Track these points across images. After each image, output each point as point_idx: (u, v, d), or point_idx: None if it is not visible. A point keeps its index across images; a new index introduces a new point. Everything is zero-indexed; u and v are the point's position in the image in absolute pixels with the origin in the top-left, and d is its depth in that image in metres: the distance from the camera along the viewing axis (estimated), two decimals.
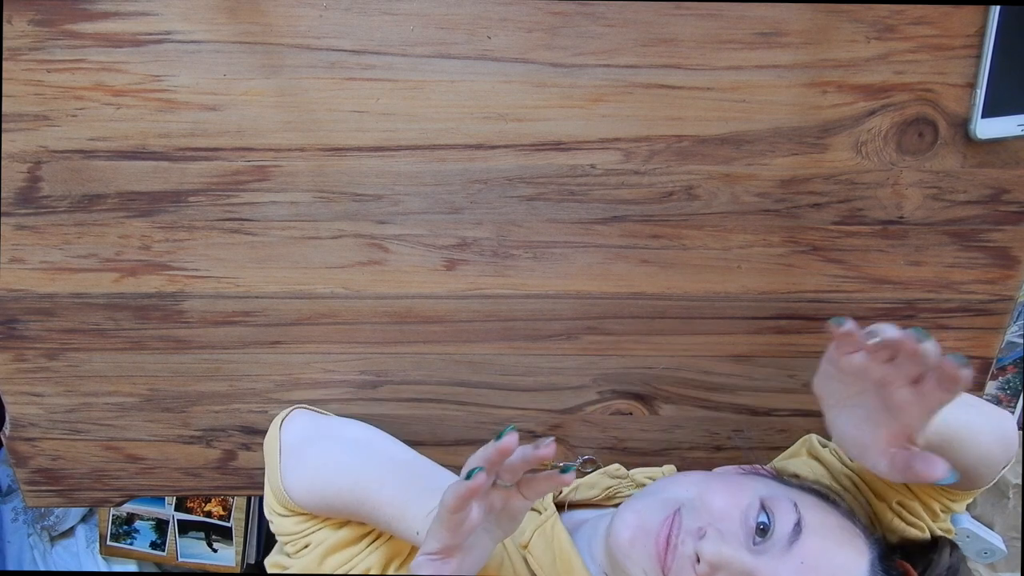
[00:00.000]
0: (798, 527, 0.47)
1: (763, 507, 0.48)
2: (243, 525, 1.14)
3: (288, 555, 0.58)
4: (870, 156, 0.58)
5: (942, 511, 0.56)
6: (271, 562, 0.59)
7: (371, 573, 0.55)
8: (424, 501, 0.49)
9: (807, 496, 0.51)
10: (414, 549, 0.53)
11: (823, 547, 0.47)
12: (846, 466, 0.59)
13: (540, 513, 0.59)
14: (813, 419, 0.67)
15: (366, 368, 0.66)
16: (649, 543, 0.48)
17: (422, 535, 0.46)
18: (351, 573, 0.58)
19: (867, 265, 0.61)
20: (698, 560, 0.46)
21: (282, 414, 0.62)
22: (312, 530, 0.56)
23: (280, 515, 0.57)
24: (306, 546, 0.56)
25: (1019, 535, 0.84)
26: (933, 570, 0.51)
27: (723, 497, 0.49)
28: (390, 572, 0.54)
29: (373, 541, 0.55)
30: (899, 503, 0.55)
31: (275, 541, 0.61)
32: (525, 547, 0.56)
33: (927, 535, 0.55)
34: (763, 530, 0.47)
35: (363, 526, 0.56)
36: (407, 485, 0.52)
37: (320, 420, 0.63)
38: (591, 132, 0.57)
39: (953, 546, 0.52)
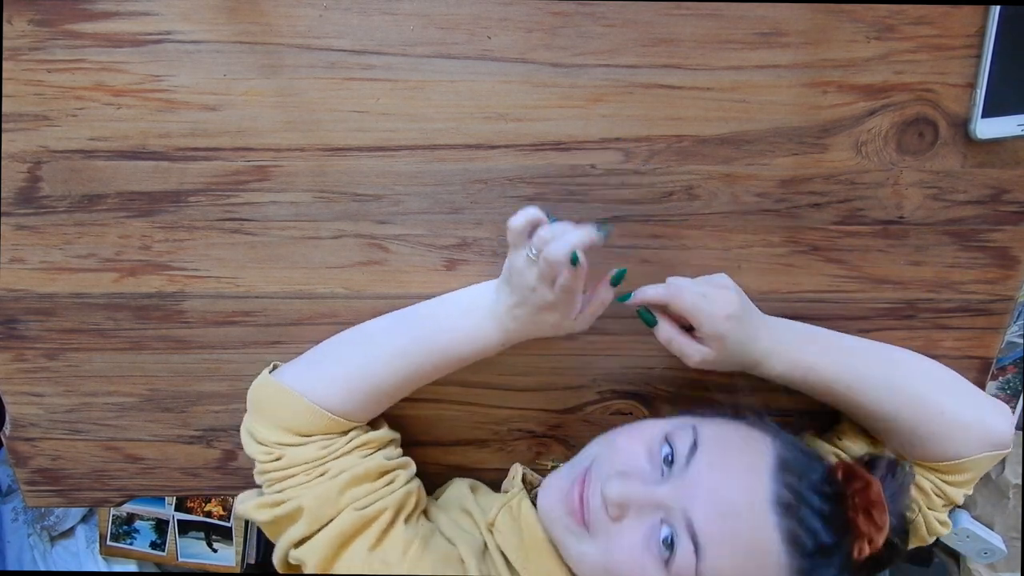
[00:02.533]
0: (695, 446, 0.48)
1: (666, 439, 0.50)
2: (243, 525, 1.14)
3: (272, 492, 0.55)
4: (870, 156, 0.58)
5: (936, 494, 0.57)
6: (247, 508, 0.56)
7: (385, 517, 0.54)
8: (468, 318, 0.56)
9: (711, 419, 0.52)
10: (420, 502, 0.58)
11: (719, 456, 0.48)
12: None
13: (506, 492, 0.59)
14: (813, 419, 0.67)
15: None
16: (565, 504, 0.51)
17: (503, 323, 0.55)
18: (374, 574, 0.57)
19: (867, 265, 0.61)
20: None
21: (264, 371, 0.60)
22: (334, 455, 0.55)
23: (296, 444, 0.55)
24: (322, 474, 0.54)
25: (1019, 535, 0.84)
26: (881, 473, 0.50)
27: (627, 439, 0.52)
28: (401, 520, 0.55)
29: (391, 483, 0.56)
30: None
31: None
32: (491, 525, 0.57)
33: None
34: (668, 460, 0.49)
35: (387, 461, 0.56)
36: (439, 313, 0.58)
37: (308, 354, 0.60)
38: (591, 132, 0.57)
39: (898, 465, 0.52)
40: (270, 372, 0.59)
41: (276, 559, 0.56)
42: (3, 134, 0.57)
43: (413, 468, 0.60)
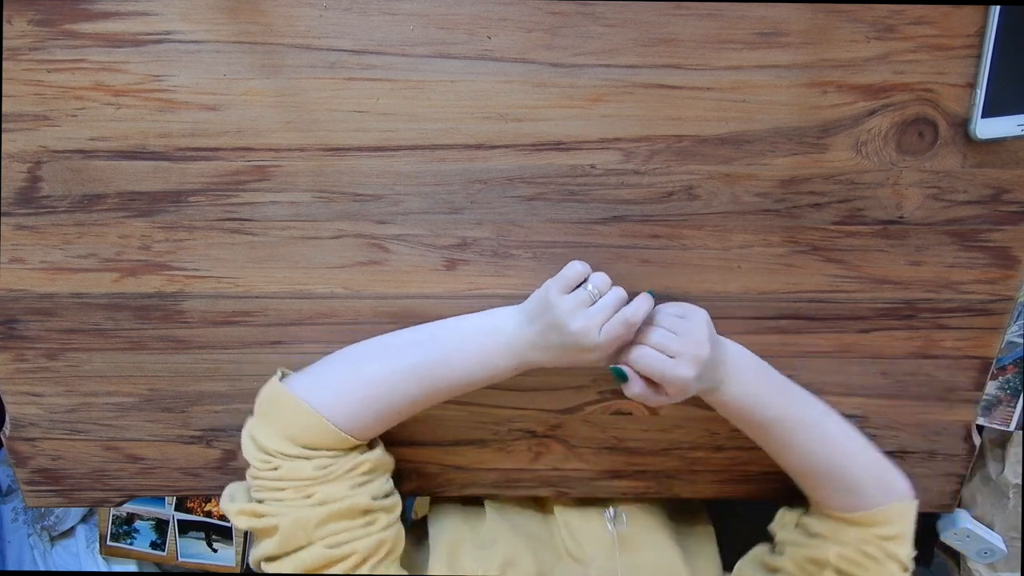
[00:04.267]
0: None
1: None
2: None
3: (257, 498, 0.55)
4: (870, 156, 0.58)
5: (888, 557, 0.58)
6: (229, 509, 0.56)
7: (352, 560, 0.55)
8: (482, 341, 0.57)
9: None
10: (395, 549, 0.57)
11: None
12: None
13: None
14: None
15: None
16: None
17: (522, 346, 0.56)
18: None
19: (867, 265, 0.61)
20: None
21: (274, 376, 0.59)
22: (327, 477, 0.55)
23: (296, 457, 0.55)
24: (308, 496, 0.54)
25: (1019, 535, 0.84)
26: None
27: None
28: (367, 565, 0.55)
29: (370, 524, 0.56)
30: (838, 556, 0.58)
31: None
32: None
33: None
34: None
35: (372, 501, 0.56)
36: (451, 334, 0.58)
37: (321, 363, 0.60)
38: (591, 132, 0.57)
39: None
40: (280, 380, 0.58)
41: (251, 560, 0.57)
42: (3, 134, 0.57)
43: (398, 511, 0.60)
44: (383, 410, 0.57)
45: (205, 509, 1.15)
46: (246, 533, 1.16)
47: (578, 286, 0.56)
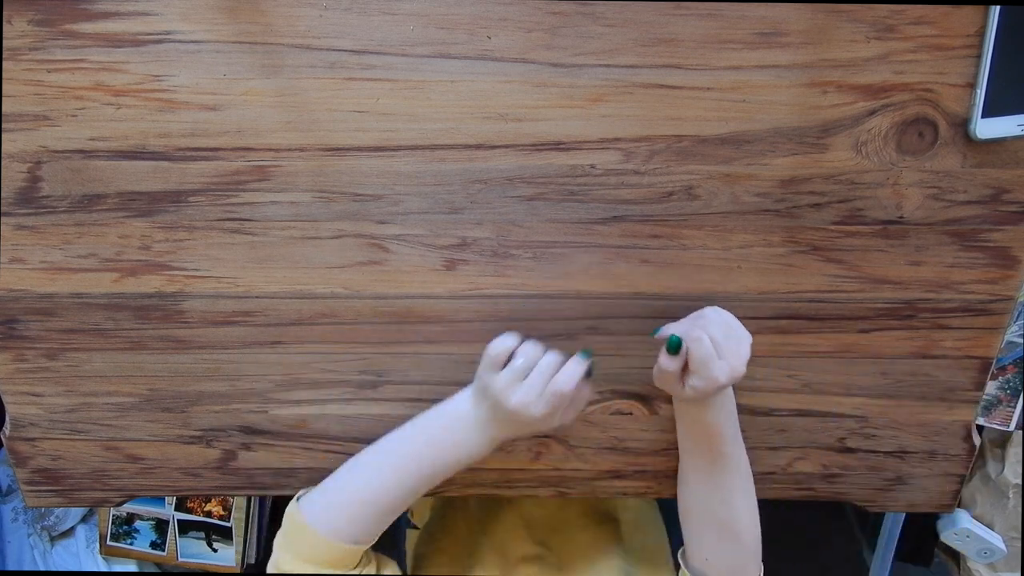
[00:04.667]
0: None
1: None
2: (243, 525, 1.14)
3: None
4: (870, 156, 0.58)
5: None
6: None
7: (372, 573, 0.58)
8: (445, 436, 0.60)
9: None
10: None
11: None
12: None
13: None
14: (813, 419, 0.68)
15: (366, 368, 0.66)
16: None
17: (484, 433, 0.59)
18: (351, 573, 0.60)
19: (867, 265, 0.61)
20: None
21: (293, 500, 0.63)
22: None
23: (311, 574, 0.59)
24: None
25: (1019, 535, 0.84)
26: None
27: None
28: None
29: None
30: None
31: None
32: None
33: None
34: None
35: None
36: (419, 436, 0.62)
37: (326, 482, 0.64)
38: (591, 132, 0.57)
39: None
40: (297, 500, 0.62)
41: None
42: (3, 134, 0.57)
43: None
44: (378, 513, 0.60)
45: (205, 509, 1.15)
46: (246, 533, 1.16)
47: (511, 358, 0.57)
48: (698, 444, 0.62)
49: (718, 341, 0.54)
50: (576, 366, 0.56)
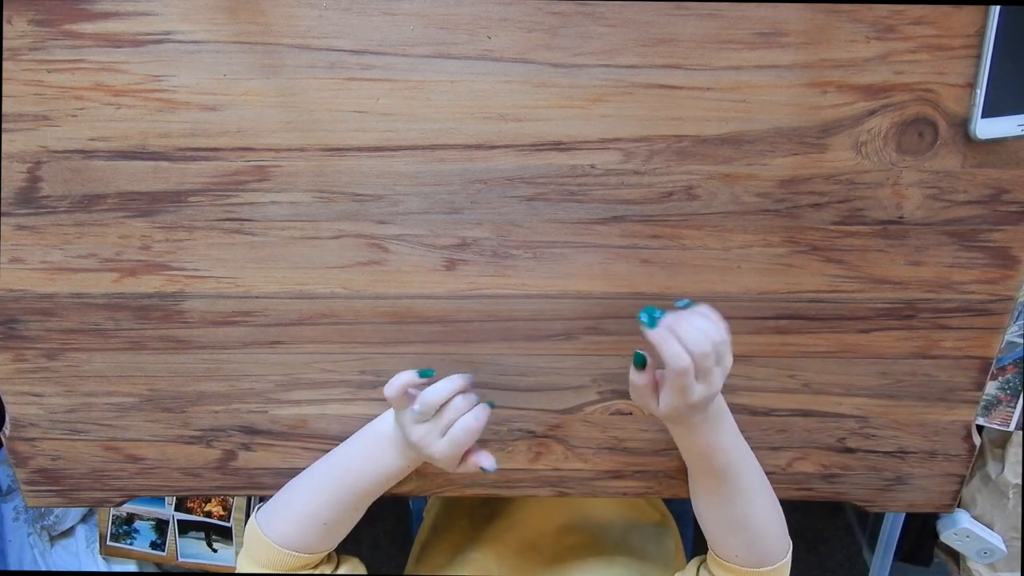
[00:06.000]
0: None
1: None
2: (243, 525, 1.14)
3: None
4: (870, 156, 0.58)
5: None
6: None
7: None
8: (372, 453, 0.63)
9: None
10: None
11: None
12: None
13: None
14: (813, 419, 0.68)
15: (366, 368, 0.66)
16: None
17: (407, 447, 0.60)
18: (336, 574, 0.63)
19: (867, 265, 0.61)
20: None
21: (254, 512, 0.66)
22: None
23: None
24: None
25: (1019, 535, 0.84)
26: None
27: None
28: None
29: None
30: None
31: None
32: None
33: None
34: None
35: None
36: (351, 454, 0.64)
37: (279, 494, 0.66)
38: (591, 132, 0.57)
39: None
40: (256, 513, 0.65)
41: None
42: (3, 134, 0.57)
43: None
44: (320, 526, 0.62)
45: (205, 509, 1.15)
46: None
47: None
48: (699, 462, 0.60)
49: (696, 357, 0.51)
50: (480, 414, 0.58)
